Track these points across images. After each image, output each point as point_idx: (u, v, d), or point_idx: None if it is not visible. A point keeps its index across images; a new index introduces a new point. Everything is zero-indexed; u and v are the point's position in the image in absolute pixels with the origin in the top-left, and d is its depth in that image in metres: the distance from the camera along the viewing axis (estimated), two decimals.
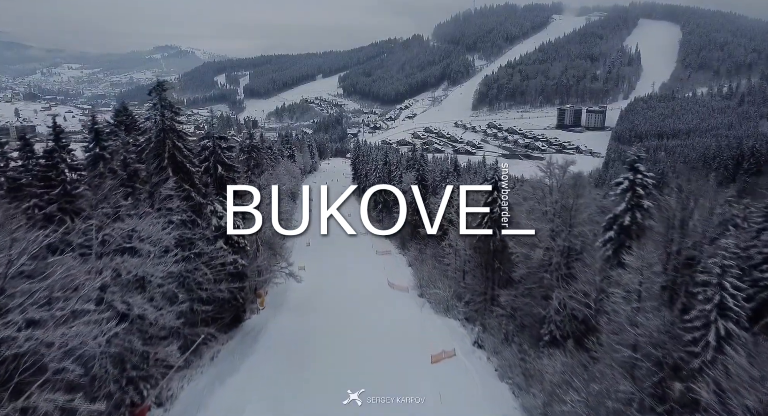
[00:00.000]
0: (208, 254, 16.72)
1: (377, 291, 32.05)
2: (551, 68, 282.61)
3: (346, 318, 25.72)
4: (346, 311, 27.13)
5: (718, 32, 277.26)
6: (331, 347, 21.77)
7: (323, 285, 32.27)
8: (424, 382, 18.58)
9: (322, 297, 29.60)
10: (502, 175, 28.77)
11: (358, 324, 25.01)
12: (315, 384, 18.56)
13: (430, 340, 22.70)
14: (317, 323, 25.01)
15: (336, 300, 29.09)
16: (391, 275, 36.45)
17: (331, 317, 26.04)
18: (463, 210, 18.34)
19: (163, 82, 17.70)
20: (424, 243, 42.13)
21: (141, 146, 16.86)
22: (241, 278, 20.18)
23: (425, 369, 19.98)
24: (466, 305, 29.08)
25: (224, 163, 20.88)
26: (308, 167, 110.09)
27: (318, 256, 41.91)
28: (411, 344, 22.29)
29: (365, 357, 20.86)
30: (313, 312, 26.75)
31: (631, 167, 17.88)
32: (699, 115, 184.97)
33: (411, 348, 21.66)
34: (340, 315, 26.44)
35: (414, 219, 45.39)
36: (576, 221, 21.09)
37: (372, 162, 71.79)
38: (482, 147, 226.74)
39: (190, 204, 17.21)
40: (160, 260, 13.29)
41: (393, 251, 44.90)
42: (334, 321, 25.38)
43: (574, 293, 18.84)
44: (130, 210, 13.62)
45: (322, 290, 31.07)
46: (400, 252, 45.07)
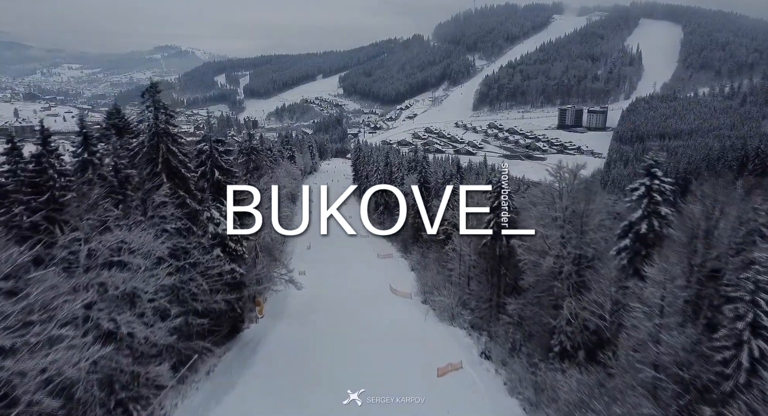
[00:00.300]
0: (203, 263, 15.85)
1: (380, 297, 31.22)
2: (552, 68, 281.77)
3: (349, 326, 24.91)
4: (348, 318, 26.33)
5: (719, 32, 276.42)
6: (332, 358, 21.00)
7: (324, 290, 31.44)
8: (431, 397, 17.75)
9: (323, 303, 28.77)
10: (504, 177, 28.13)
11: (360, 332, 24.22)
12: (316, 398, 17.83)
13: (435, 351, 21.88)
14: (318, 331, 24.21)
15: (337, 307, 28.27)
16: (393, 279, 35.62)
17: (333, 325, 25.24)
18: (463, 210, 18.16)
19: (156, 84, 16.83)
20: (427, 247, 41.31)
21: (134, 151, 16.01)
22: (239, 288, 19.33)
23: (431, 383, 19.15)
24: (471, 313, 28.27)
25: (221, 167, 20.03)
26: (308, 167, 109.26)
27: (318, 259, 41.08)
28: (416, 355, 21.46)
29: (369, 368, 20.12)
30: (314, 319, 25.94)
31: (647, 171, 17.02)
32: (701, 115, 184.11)
33: (416, 360, 20.85)
34: (342, 322, 25.64)
35: (416, 222, 44.64)
36: (588, 227, 20.24)
37: (373, 163, 70.95)
38: (483, 147, 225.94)
39: (185, 211, 16.35)
40: (151, 273, 12.45)
41: (395, 254, 44.06)
42: (335, 329, 24.58)
43: (588, 304, 17.99)
44: (120, 219, 12.76)
45: (322, 296, 30.24)
46: (402, 256, 44.21)
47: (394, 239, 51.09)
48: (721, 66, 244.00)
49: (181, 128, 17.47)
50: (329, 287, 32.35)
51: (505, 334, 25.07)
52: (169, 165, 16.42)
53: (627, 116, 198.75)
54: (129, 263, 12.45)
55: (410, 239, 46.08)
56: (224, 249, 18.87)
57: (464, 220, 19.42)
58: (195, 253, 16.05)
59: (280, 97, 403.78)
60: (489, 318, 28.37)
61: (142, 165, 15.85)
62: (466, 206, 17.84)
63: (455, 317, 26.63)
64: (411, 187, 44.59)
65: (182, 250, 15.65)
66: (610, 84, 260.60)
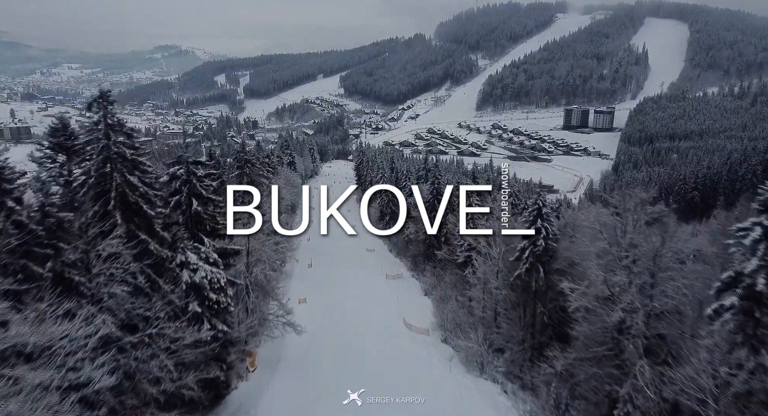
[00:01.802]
0: (169, 335, 11.68)
1: (393, 334, 27.00)
2: (557, 68, 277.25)
3: (359, 379, 20.69)
4: (358, 366, 22.16)
5: (727, 31, 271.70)
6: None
7: (328, 326, 27.25)
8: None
9: (327, 345, 24.57)
10: (543, 199, 23.95)
11: (373, 387, 19.98)
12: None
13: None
14: (323, 387, 20.03)
15: (344, 350, 24.06)
16: (405, 308, 31.45)
17: (340, 376, 21.09)
18: (463, 211, 17.25)
19: (107, 92, 12.62)
20: (442, 267, 37.10)
21: (77, 184, 11.86)
22: (222, 355, 15.15)
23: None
24: (500, 355, 24.12)
25: (201, 195, 15.86)
26: (309, 171, 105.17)
27: (320, 281, 36.91)
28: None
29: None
30: (317, 369, 21.77)
31: (765, 207, 12.78)
32: (711, 115, 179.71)
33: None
34: (350, 372, 21.48)
35: (428, 238, 40.39)
36: (663, 272, 16.05)
37: (378, 169, 66.80)
38: (487, 148, 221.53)
39: (146, 263, 12.23)
40: (76, 375, 8.34)
41: (405, 274, 39.80)
42: (343, 382, 20.37)
43: (676, 381, 13.75)
44: (31, 302, 8.67)
45: (326, 334, 26.04)
46: (413, 275, 39.94)
47: (403, 254, 46.89)
48: (729, 65, 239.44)
49: (145, 149, 13.18)
50: (333, 321, 28.16)
51: (546, 388, 20.89)
52: (125, 201, 12.26)
53: (635, 117, 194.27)
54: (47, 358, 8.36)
55: (422, 256, 41.91)
56: (203, 302, 14.71)
57: (464, 220, 18.21)
58: (159, 318, 11.86)
59: (281, 97, 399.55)
60: (522, 362, 24.21)
61: (88, 203, 11.70)
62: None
63: (485, 365, 22.41)
64: (418, 198, 40.46)
65: (140, 317, 11.52)
66: (617, 84, 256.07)
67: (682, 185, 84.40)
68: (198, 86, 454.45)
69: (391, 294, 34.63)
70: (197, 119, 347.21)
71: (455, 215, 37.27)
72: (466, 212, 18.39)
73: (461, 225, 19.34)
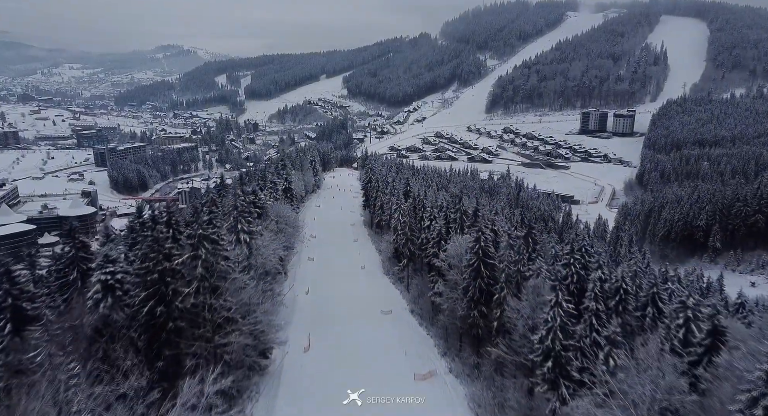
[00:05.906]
0: None
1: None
2: (570, 68, 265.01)
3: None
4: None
5: (749, 29, 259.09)
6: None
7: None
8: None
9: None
10: None
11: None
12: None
13: None
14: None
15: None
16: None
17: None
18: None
19: None
20: (497, 368, 25.77)
21: None
22: None
23: None
24: None
25: None
26: (310, 186, 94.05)
27: (330, 382, 25.49)
28: None
29: None
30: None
31: None
32: (742, 120, 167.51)
33: None
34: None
35: (471, 317, 28.89)
36: None
37: (391, 193, 55.46)
38: (499, 154, 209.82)
39: None
40: None
41: (440, 367, 28.16)
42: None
43: None
44: None
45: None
46: (450, 368, 28.25)
47: (429, 322, 35.53)
48: (755, 65, 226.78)
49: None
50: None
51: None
52: None
53: (658, 121, 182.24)
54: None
55: (457, 334, 30.65)
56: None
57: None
58: None
59: (282, 98, 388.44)
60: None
61: None
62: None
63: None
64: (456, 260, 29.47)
65: None
66: (635, 85, 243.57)
67: (742, 207, 72.71)
68: (198, 87, 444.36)
69: (425, 412, 22.87)
70: (196, 122, 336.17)
71: (519, 297, 25.85)
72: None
73: None
